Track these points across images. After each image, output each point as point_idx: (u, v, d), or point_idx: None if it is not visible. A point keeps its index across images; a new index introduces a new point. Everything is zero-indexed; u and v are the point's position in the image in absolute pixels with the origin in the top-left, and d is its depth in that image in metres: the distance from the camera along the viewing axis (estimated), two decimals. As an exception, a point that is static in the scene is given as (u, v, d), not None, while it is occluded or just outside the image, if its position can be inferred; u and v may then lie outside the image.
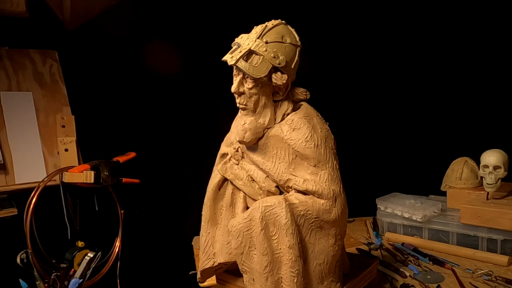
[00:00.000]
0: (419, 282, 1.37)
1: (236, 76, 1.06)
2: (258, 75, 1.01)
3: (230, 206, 1.16)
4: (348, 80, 2.27)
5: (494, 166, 1.59)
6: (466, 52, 2.11)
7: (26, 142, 1.53)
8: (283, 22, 1.07)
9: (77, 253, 1.45)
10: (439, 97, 2.22)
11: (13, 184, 1.47)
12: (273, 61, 1.01)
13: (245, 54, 1.01)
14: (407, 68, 2.24)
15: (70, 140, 1.58)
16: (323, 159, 1.04)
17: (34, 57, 1.65)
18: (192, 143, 2.04)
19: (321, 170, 1.04)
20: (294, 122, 1.06)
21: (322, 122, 1.10)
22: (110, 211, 1.58)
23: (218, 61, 1.06)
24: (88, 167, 1.48)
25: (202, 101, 2.05)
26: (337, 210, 1.02)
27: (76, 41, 1.79)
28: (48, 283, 1.32)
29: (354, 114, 2.26)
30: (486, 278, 1.37)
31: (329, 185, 1.03)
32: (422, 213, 1.68)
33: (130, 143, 1.81)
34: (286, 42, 1.06)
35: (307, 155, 1.04)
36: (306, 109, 1.10)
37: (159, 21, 1.95)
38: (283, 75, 1.05)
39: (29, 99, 1.58)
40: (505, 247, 1.52)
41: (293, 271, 0.98)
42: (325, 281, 1.05)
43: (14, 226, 1.42)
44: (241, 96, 1.07)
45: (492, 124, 2.08)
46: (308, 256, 1.03)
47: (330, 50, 2.20)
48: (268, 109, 1.09)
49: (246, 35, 1.05)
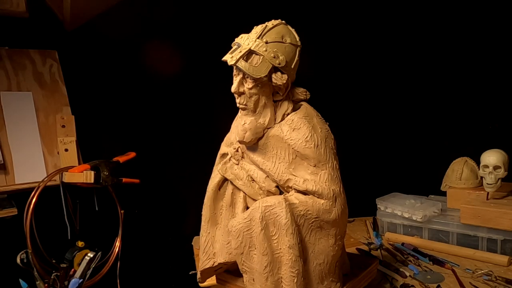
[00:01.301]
0: (419, 282, 1.37)
1: (236, 76, 1.06)
2: (258, 75, 1.00)
3: (230, 206, 1.16)
4: (348, 80, 2.27)
5: (494, 166, 1.59)
6: (466, 52, 2.11)
7: (26, 142, 1.53)
8: (283, 22, 1.07)
9: (77, 253, 1.44)
10: (439, 97, 2.22)
11: (13, 184, 1.47)
12: (273, 61, 1.01)
13: (245, 54, 1.01)
14: (407, 68, 2.24)
15: (70, 140, 1.58)
16: (323, 159, 1.03)
17: (34, 57, 1.65)
18: (192, 143, 2.04)
19: (321, 170, 1.04)
20: (294, 122, 1.06)
21: (322, 122, 1.10)
22: (110, 211, 1.58)
23: (218, 61, 1.06)
24: (88, 167, 1.48)
25: (202, 101, 2.05)
26: (337, 210, 1.02)
27: (76, 41, 1.79)
28: (48, 283, 1.32)
29: (354, 114, 2.26)
30: (486, 278, 1.37)
31: (329, 185, 1.03)
32: (422, 213, 1.68)
33: (130, 143, 1.81)
34: (286, 42, 1.06)
35: (307, 155, 1.04)
36: (306, 109, 1.10)
37: (159, 21, 1.95)
38: (283, 75, 1.05)
39: (29, 99, 1.58)
40: (505, 247, 1.52)
41: (293, 271, 0.98)
42: (325, 281, 1.05)
43: (14, 226, 1.42)
44: (241, 96, 1.07)
45: (492, 124, 2.08)
46: (308, 256, 1.03)
47: (329, 50, 2.20)
48: (268, 109, 1.09)
49: (246, 35, 1.05)
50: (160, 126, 1.99)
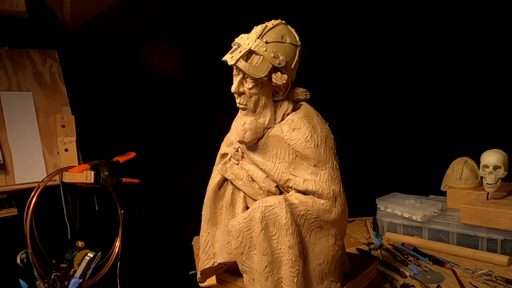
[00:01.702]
0: (419, 282, 1.37)
1: (236, 76, 1.06)
2: (258, 75, 1.00)
3: (230, 206, 1.16)
4: (348, 80, 2.27)
5: (494, 166, 1.59)
6: (465, 52, 2.11)
7: (26, 142, 1.53)
8: (283, 22, 1.07)
9: (77, 253, 1.44)
10: (439, 97, 2.22)
11: (13, 184, 1.47)
12: (273, 61, 1.01)
13: (245, 54, 1.00)
14: (406, 68, 2.24)
15: (70, 140, 1.59)
16: (323, 159, 1.03)
17: (34, 57, 1.65)
18: (192, 143, 2.04)
19: (321, 170, 1.04)
20: (294, 122, 1.06)
21: (322, 122, 1.10)
22: (110, 211, 1.58)
23: (217, 61, 1.06)
24: (88, 167, 1.48)
25: (202, 101, 2.05)
26: (337, 210, 1.02)
27: (76, 41, 1.79)
28: (48, 283, 1.32)
29: (354, 115, 2.26)
30: (486, 278, 1.37)
31: (329, 185, 1.02)
32: (422, 213, 1.68)
33: (130, 143, 1.81)
34: (286, 42, 1.05)
35: (307, 155, 1.04)
36: (306, 109, 1.10)
37: (159, 21, 1.95)
38: (283, 75, 1.04)
39: (29, 99, 1.58)
40: (505, 247, 1.52)
41: (293, 271, 0.98)
42: (325, 281, 1.05)
43: (14, 226, 1.42)
44: (241, 96, 1.07)
45: (492, 124, 2.08)
46: (308, 256, 1.03)
47: (329, 50, 2.20)
48: (268, 109, 1.08)
49: (246, 35, 1.04)
50: (160, 126, 1.99)
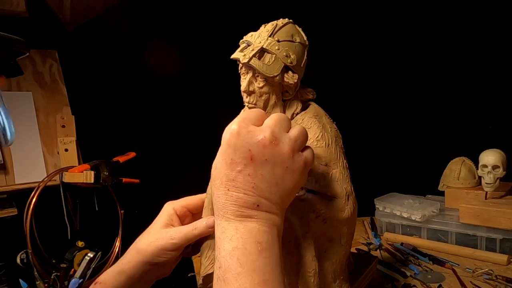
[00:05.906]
0: (420, 282, 1.38)
1: (244, 75, 1.04)
2: (272, 74, 0.98)
3: (230, 207, 1.16)
4: (347, 81, 2.28)
5: (493, 165, 1.59)
6: (465, 52, 2.12)
7: (26, 142, 1.53)
8: (291, 21, 1.06)
9: (77, 253, 1.44)
10: (437, 97, 2.23)
11: (13, 184, 1.46)
12: (285, 60, 0.99)
13: (258, 52, 0.99)
14: (406, 68, 2.25)
15: (70, 140, 1.58)
16: (334, 158, 1.02)
17: (34, 57, 1.64)
18: (193, 143, 2.03)
19: (333, 169, 1.03)
20: (305, 122, 1.05)
21: (330, 122, 1.09)
22: (110, 211, 1.58)
23: (218, 61, 1.06)
24: (88, 167, 1.48)
25: (202, 101, 2.05)
26: (349, 208, 1.01)
27: (76, 41, 1.79)
28: (48, 283, 1.32)
29: (352, 115, 2.26)
30: (486, 277, 1.38)
31: (341, 184, 1.02)
32: (421, 213, 1.69)
33: (130, 143, 1.81)
34: (296, 41, 1.04)
35: (318, 154, 1.03)
36: (315, 109, 1.09)
37: (160, 21, 1.95)
38: (294, 74, 1.03)
39: (29, 99, 1.58)
40: (504, 246, 1.53)
41: (310, 271, 0.98)
42: (337, 280, 1.04)
43: (14, 226, 1.42)
44: (251, 95, 1.05)
45: (491, 124, 2.09)
46: (321, 255, 1.02)
47: (328, 50, 2.21)
48: (277, 108, 1.07)
49: (256, 33, 1.02)
50: (160, 126, 1.99)
